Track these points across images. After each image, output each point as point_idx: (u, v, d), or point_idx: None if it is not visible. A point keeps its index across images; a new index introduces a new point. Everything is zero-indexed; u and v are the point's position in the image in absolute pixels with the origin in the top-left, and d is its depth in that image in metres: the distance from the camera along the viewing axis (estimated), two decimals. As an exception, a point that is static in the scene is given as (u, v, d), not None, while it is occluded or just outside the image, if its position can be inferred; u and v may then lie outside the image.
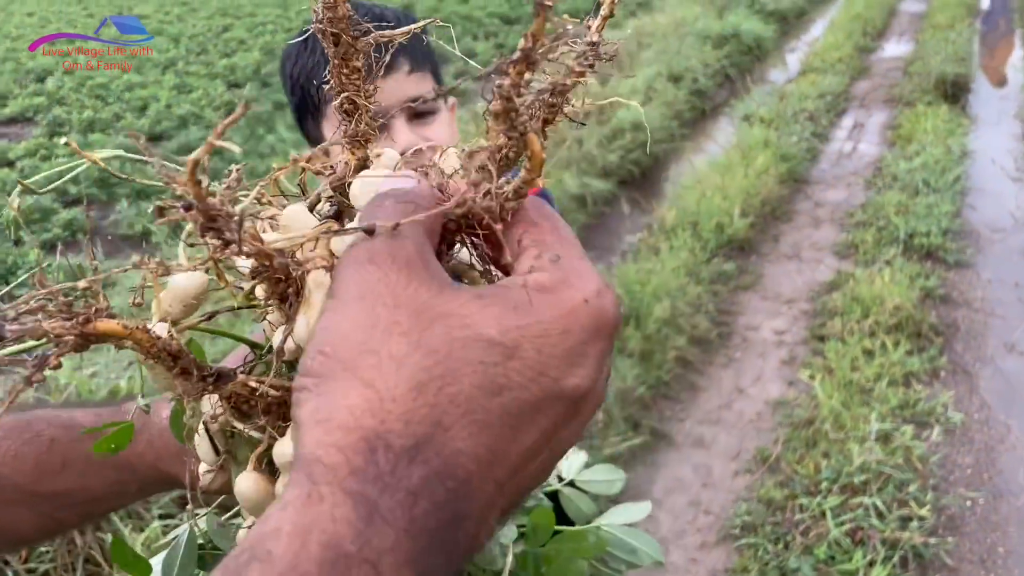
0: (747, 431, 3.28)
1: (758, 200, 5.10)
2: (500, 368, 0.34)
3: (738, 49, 8.92)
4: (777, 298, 4.22)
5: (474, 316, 0.34)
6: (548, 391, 0.35)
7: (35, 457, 0.65)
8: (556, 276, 0.38)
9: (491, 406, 0.33)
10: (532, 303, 0.36)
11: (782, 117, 6.68)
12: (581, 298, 0.37)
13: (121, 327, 0.38)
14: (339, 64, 0.44)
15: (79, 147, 0.50)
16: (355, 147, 0.47)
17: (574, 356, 0.36)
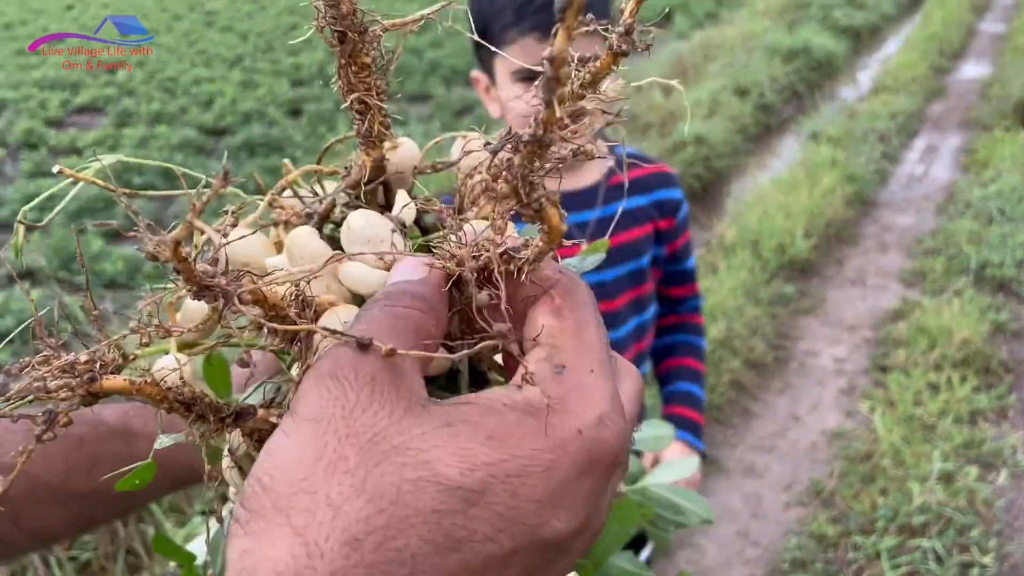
0: (801, 461, 3.16)
1: (822, 221, 4.95)
2: (459, 517, 0.29)
3: (807, 64, 8.72)
4: (839, 324, 4.07)
5: (434, 451, 0.30)
6: (522, 541, 0.30)
7: (64, 456, 0.64)
8: (552, 395, 0.32)
9: (446, 564, 0.28)
10: (512, 432, 0.31)
11: (851, 136, 6.49)
12: (575, 428, 0.32)
13: (128, 383, 0.37)
14: (346, 63, 0.41)
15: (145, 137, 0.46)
16: (369, 147, 0.44)
17: (557, 497, 0.31)
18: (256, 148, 7.36)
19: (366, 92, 0.42)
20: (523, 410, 0.32)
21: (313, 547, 0.27)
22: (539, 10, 1.35)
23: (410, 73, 10.08)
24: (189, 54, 12.16)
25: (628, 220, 1.56)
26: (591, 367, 0.34)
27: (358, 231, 0.41)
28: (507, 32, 1.38)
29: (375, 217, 0.42)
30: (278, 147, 7.40)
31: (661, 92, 7.48)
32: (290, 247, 0.43)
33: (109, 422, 0.66)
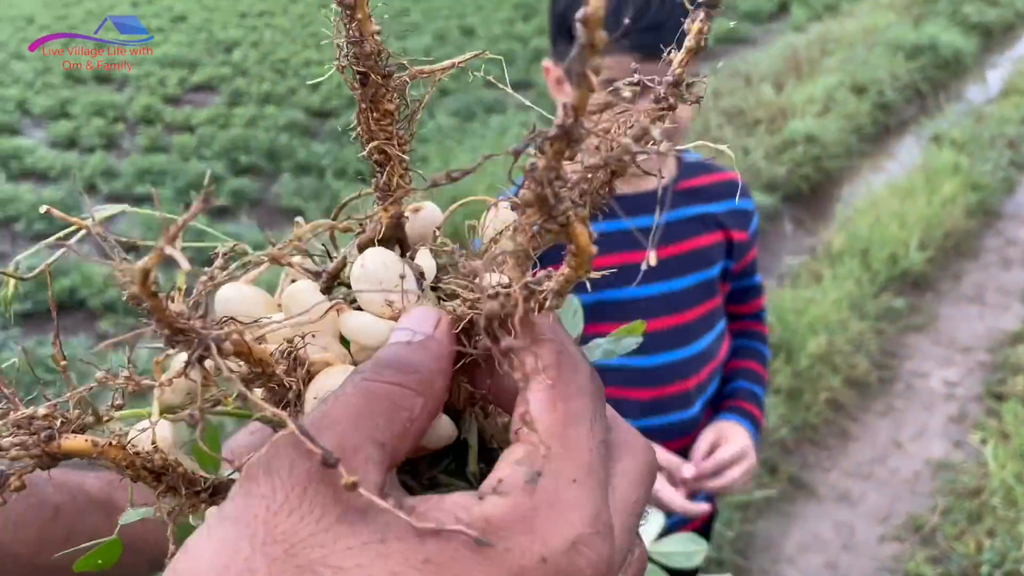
0: (900, 492, 2.95)
1: (940, 232, 4.63)
2: None
3: (933, 62, 8.23)
4: (952, 344, 3.80)
5: (356, 571, 0.25)
6: None
7: (39, 526, 0.59)
8: (518, 510, 0.27)
9: None
10: (457, 557, 0.25)
11: (977, 141, 6.07)
12: (538, 555, 0.26)
13: (90, 445, 0.34)
14: (367, 107, 0.38)
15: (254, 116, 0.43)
16: (387, 202, 0.41)
17: None
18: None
19: (386, 141, 0.39)
20: (479, 527, 0.26)
21: None
22: (646, 30, 1.27)
23: (513, 60, 10.03)
24: (302, 36, 12.45)
25: (696, 226, 1.50)
26: (574, 475, 0.28)
27: (371, 270, 0.37)
28: None
29: (392, 258, 0.37)
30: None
31: (772, 86, 7.18)
32: (287, 302, 0.39)
33: (90, 492, 0.62)
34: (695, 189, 1.52)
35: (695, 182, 1.52)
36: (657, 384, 1.47)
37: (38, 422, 0.34)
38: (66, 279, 4.56)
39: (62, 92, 8.97)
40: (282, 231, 5.32)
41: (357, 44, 0.36)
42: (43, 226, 5.48)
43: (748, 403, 1.55)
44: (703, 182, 1.53)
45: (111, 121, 8.05)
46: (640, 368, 1.47)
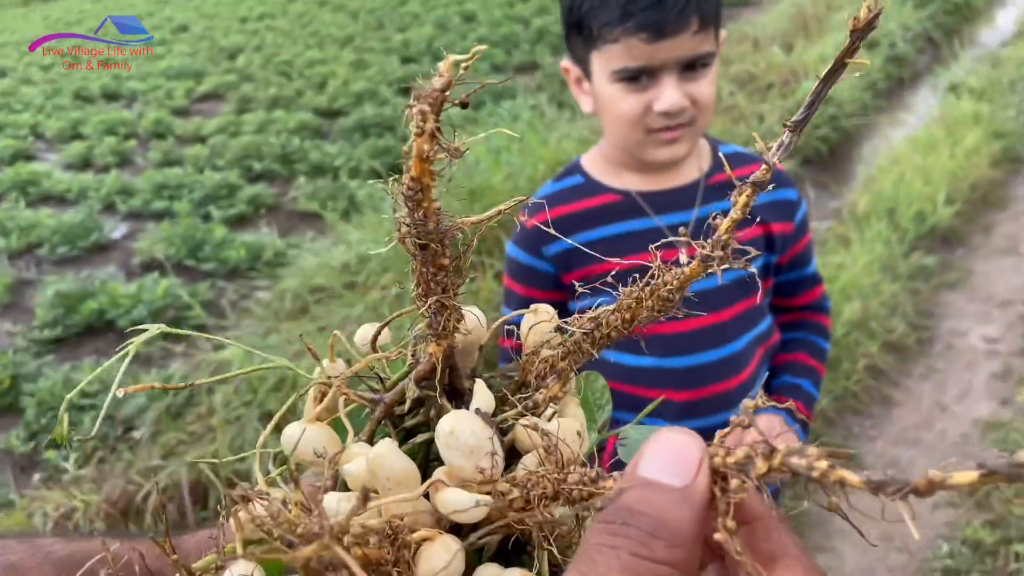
0: (950, 456, 2.90)
1: (966, 184, 4.54)
2: None
3: (943, 8, 8.08)
4: (989, 300, 3.73)
5: None
6: None
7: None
8: None
9: None
10: None
11: (996, 87, 5.95)
12: None
13: None
14: (425, 267, 0.40)
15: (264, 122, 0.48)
16: (440, 339, 0.42)
17: None
18: (369, 129, 7.42)
19: (443, 295, 0.41)
20: None
21: None
22: (648, 8, 1.24)
23: (517, 43, 9.94)
24: (303, 36, 12.41)
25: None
26: None
27: (462, 440, 0.37)
28: (610, 29, 1.29)
29: (481, 425, 0.37)
30: (390, 127, 7.42)
31: (782, 49, 7.07)
32: (374, 468, 0.39)
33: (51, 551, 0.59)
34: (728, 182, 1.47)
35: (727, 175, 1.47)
36: (695, 386, 1.42)
37: None
38: (93, 301, 4.58)
39: (72, 113, 9.00)
40: (302, 234, 5.32)
41: (421, 224, 0.38)
42: (66, 250, 5.51)
43: (789, 398, 1.50)
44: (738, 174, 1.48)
45: (123, 138, 8.07)
46: (675, 369, 1.43)
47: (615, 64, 1.32)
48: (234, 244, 5.27)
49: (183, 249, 5.29)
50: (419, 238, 0.38)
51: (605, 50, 1.32)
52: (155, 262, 5.30)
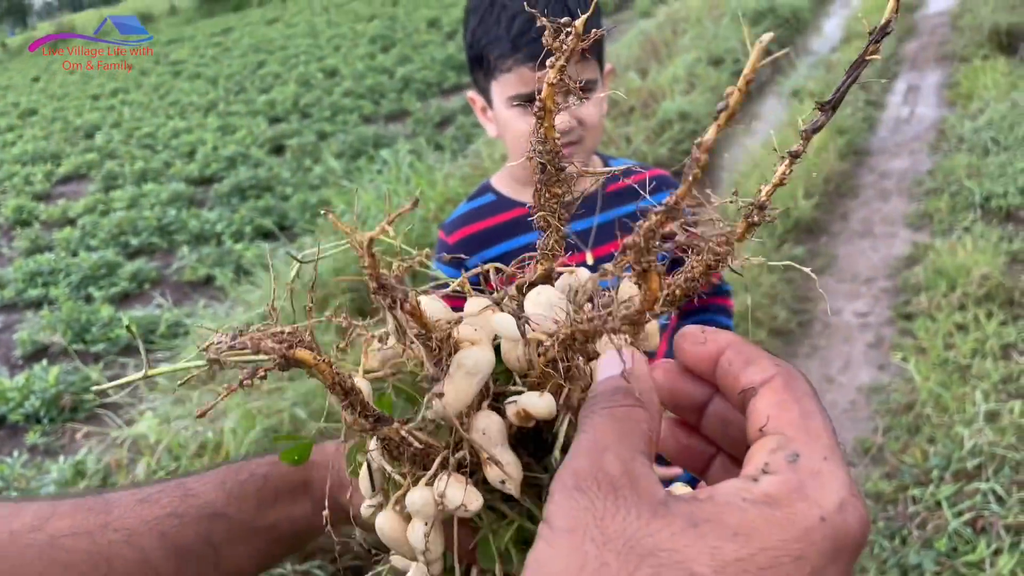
0: (843, 422, 3.16)
1: (820, 178, 4.96)
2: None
3: (776, 23, 8.73)
4: (854, 279, 4.08)
5: (686, 551, 0.31)
6: None
7: (255, 493, 0.71)
8: (790, 484, 0.34)
9: None
10: (757, 526, 0.32)
11: (831, 88, 6.47)
12: (818, 516, 0.33)
13: (311, 357, 0.45)
14: (542, 188, 0.50)
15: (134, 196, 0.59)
16: (544, 259, 0.51)
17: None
18: (246, 191, 7.36)
19: (550, 213, 0.50)
20: (763, 502, 0.33)
21: None
22: (533, 41, 1.39)
23: (384, 93, 10.08)
24: (163, 107, 12.16)
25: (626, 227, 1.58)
26: (824, 454, 0.35)
27: (543, 299, 0.48)
28: (503, 60, 1.43)
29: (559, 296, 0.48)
30: (267, 187, 7.39)
31: (637, 74, 7.48)
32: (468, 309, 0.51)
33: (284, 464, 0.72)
34: (623, 190, 1.62)
35: (622, 184, 1.61)
36: None
37: (285, 336, 0.44)
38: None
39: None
40: (195, 303, 5.23)
41: (542, 143, 0.47)
42: (-61, 351, 5.23)
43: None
44: (630, 182, 1.63)
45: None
46: None
47: (510, 91, 1.46)
48: (123, 322, 5.14)
49: (68, 333, 5.11)
50: (540, 156, 0.47)
51: (501, 79, 1.46)
52: (40, 351, 5.10)
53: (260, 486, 0.71)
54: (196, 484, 0.71)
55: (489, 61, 1.46)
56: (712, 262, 0.47)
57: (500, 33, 1.42)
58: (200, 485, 0.71)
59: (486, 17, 1.46)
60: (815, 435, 0.36)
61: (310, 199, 6.53)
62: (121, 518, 0.66)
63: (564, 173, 0.49)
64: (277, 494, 0.72)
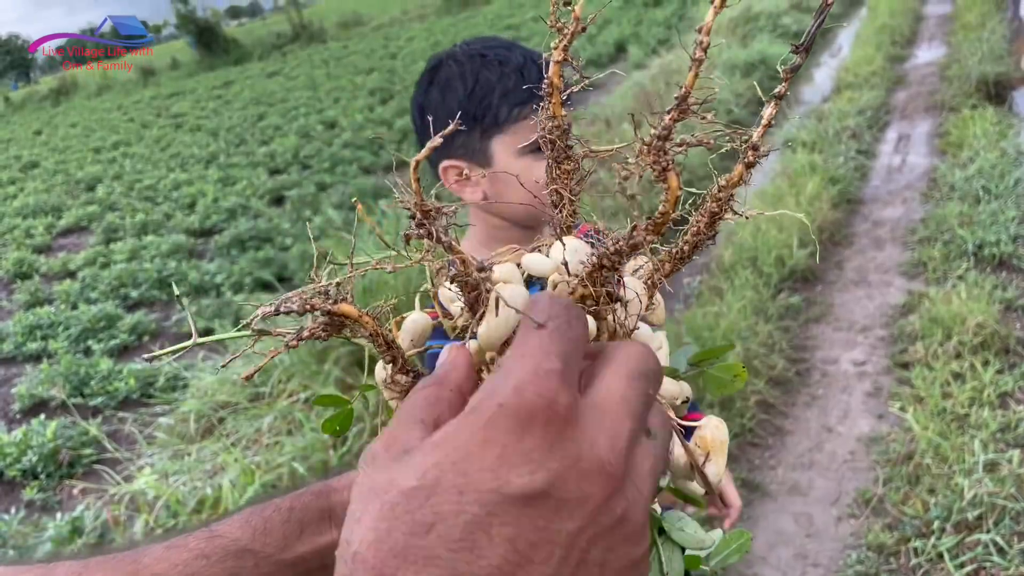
0: (843, 472, 3.16)
1: (814, 227, 5.01)
2: (424, 508, 0.34)
3: (767, 74, 8.89)
4: (851, 327, 4.11)
5: (398, 475, 0.36)
6: (489, 501, 0.34)
7: (281, 527, 0.71)
8: (485, 391, 0.38)
9: (427, 542, 0.34)
10: (452, 434, 0.36)
11: (824, 138, 6.60)
12: (496, 404, 0.36)
13: (356, 311, 0.48)
14: (554, 164, 0.52)
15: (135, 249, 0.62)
16: (562, 234, 0.54)
17: (506, 459, 0.35)
18: (246, 243, 7.41)
19: (563, 186, 0.53)
20: (467, 412, 0.37)
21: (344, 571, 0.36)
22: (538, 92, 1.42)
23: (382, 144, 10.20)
24: (164, 159, 12.29)
25: None
26: (521, 354, 0.39)
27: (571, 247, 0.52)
28: (520, 110, 1.45)
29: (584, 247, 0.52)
30: (267, 238, 7.45)
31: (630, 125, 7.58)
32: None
33: (312, 489, 0.74)
34: None
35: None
36: None
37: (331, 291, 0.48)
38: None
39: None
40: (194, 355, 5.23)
41: (551, 119, 0.50)
42: (-63, 406, 5.22)
43: None
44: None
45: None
46: None
47: (522, 139, 1.46)
48: (122, 375, 5.14)
49: (67, 387, 5.11)
50: (548, 133, 0.51)
51: (512, 130, 1.46)
52: (39, 404, 5.09)
53: (285, 519, 0.72)
54: (222, 526, 0.72)
55: (495, 117, 1.47)
56: (716, 210, 0.50)
57: (510, 85, 1.45)
58: (226, 526, 0.72)
59: (484, 76, 1.48)
60: (519, 345, 0.40)
61: (309, 250, 6.58)
62: (150, 566, 0.68)
63: (571, 150, 0.52)
64: (302, 526, 0.72)
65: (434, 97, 1.52)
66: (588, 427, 0.38)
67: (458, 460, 0.35)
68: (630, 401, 0.40)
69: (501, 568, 0.34)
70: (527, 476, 0.35)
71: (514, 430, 0.35)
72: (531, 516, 0.35)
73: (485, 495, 0.34)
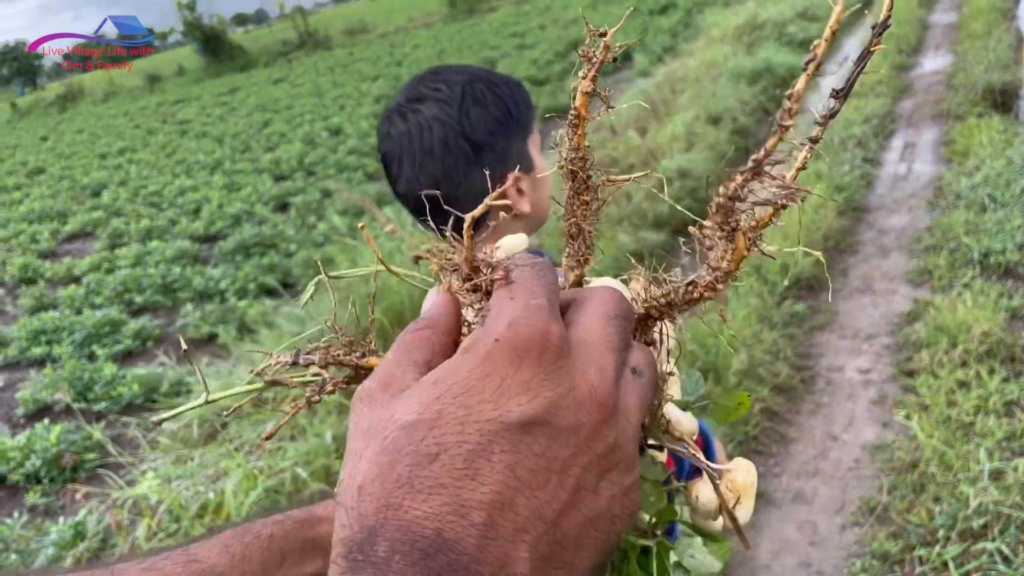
0: (848, 480, 3.15)
1: (819, 235, 5.00)
2: (427, 439, 0.36)
3: (772, 83, 8.89)
4: (856, 335, 4.09)
5: (399, 411, 0.37)
6: (489, 431, 0.36)
7: (260, 555, 0.71)
8: (478, 332, 0.40)
9: (432, 471, 0.35)
10: (451, 369, 0.38)
11: (830, 146, 6.59)
12: (492, 339, 0.38)
13: None
14: (573, 196, 0.52)
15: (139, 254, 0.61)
16: (576, 267, 0.55)
17: (504, 390, 0.37)
18: (250, 249, 7.43)
19: (582, 219, 0.53)
20: (461, 352, 0.40)
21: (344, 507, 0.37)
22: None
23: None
24: (169, 165, 12.33)
25: None
26: (511, 296, 0.41)
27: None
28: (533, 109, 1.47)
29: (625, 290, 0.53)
30: (272, 244, 7.46)
31: (637, 133, 7.60)
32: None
33: (295, 517, 0.73)
34: None
35: None
36: None
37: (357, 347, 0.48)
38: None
39: (-71, 269, 8.61)
40: (198, 361, 5.24)
41: (575, 151, 0.50)
42: (-59, 410, 5.22)
43: None
44: None
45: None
46: None
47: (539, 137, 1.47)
48: (126, 380, 5.14)
49: (71, 392, 5.11)
50: (571, 164, 0.50)
51: (535, 128, 1.46)
52: (43, 409, 5.10)
53: (265, 547, 0.72)
54: (200, 550, 0.71)
55: (529, 118, 1.46)
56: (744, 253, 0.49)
57: (525, 93, 1.47)
58: (204, 551, 0.70)
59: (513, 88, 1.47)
60: (507, 290, 0.42)
61: (314, 255, 6.59)
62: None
63: (591, 181, 0.52)
64: (283, 555, 0.72)
65: (475, 113, 1.39)
66: (578, 358, 0.40)
67: (459, 393, 0.37)
68: (611, 338, 0.42)
69: (502, 493, 0.35)
70: (525, 404, 0.37)
71: (511, 362, 0.38)
72: (529, 443, 0.37)
73: (486, 425, 0.36)
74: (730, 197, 0.44)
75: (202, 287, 6.74)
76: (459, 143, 1.36)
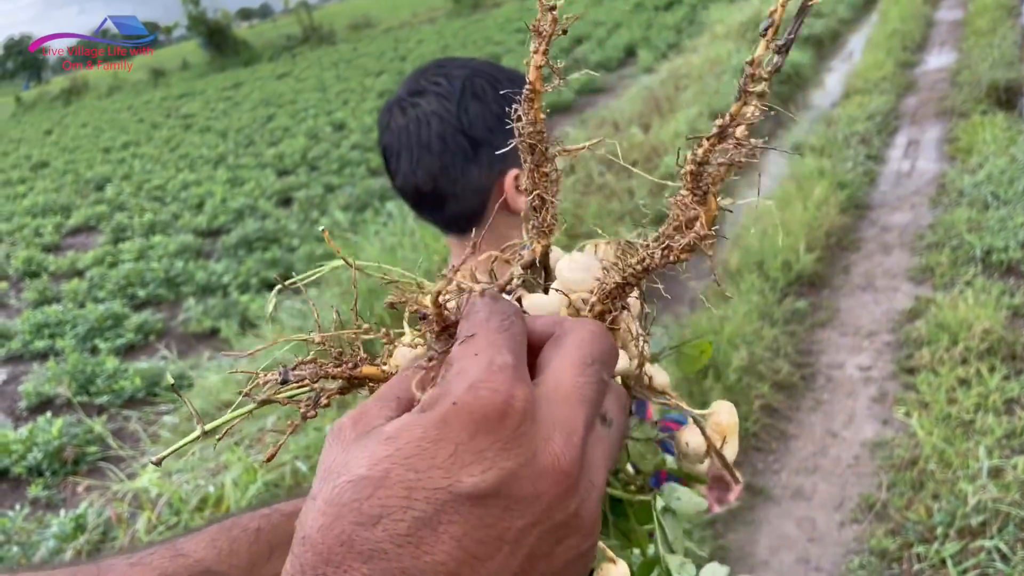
0: (847, 477, 3.15)
1: (822, 232, 4.99)
2: (372, 499, 0.35)
3: (777, 79, 8.74)
4: (857, 332, 4.09)
5: (351, 462, 0.36)
6: (437, 499, 0.35)
7: (247, 548, 0.70)
8: (440, 389, 0.38)
9: (374, 535, 0.34)
10: (406, 427, 0.36)
11: (833, 143, 6.58)
12: (450, 403, 0.36)
13: (380, 371, 0.48)
14: (533, 168, 0.52)
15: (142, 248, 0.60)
16: (541, 237, 0.55)
17: (458, 459, 0.35)
18: (253, 243, 7.44)
19: (544, 192, 0.53)
20: (420, 409, 0.37)
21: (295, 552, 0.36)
22: None
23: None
24: (173, 160, 12.34)
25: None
26: (475, 351, 0.39)
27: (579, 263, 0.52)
28: None
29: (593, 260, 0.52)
30: (274, 239, 7.47)
31: (640, 129, 7.59)
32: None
33: (283, 510, 0.73)
34: None
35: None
36: None
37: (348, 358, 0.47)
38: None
39: (-67, 262, 8.63)
40: (200, 355, 5.25)
41: (531, 124, 0.50)
42: (-56, 403, 5.24)
43: None
44: None
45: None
46: None
47: None
48: (128, 374, 5.15)
49: (73, 385, 5.13)
50: (529, 138, 0.51)
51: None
52: (45, 402, 5.11)
53: (252, 540, 0.71)
54: (187, 544, 0.70)
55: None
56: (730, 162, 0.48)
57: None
58: (191, 545, 0.70)
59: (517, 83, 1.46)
60: (471, 343, 0.39)
61: (316, 251, 6.60)
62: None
63: (549, 152, 0.52)
64: (271, 548, 0.71)
65: (475, 108, 1.36)
66: (543, 421, 0.37)
67: (410, 455, 0.35)
68: (583, 389, 0.40)
69: (446, 565, 0.34)
70: (478, 475, 0.35)
71: (467, 428, 0.36)
72: (480, 515, 0.35)
73: (434, 493, 0.34)
74: (699, 163, 0.44)
75: (205, 281, 6.75)
76: (457, 139, 1.33)
